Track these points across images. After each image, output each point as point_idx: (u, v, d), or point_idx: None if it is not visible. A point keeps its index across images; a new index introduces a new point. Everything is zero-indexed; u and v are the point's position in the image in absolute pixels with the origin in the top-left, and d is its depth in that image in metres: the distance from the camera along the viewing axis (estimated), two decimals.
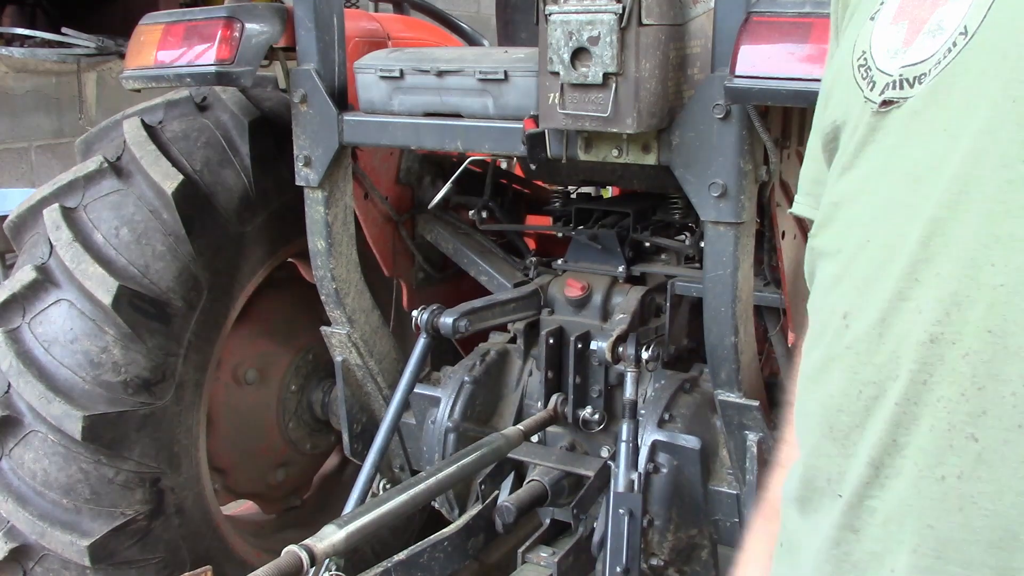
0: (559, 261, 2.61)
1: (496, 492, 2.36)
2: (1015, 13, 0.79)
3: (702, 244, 2.11)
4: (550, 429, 2.46)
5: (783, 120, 2.03)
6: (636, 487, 2.15)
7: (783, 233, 2.14)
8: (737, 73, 1.78)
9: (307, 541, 1.76)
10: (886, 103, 0.87)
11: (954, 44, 0.82)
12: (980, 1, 0.81)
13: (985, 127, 0.79)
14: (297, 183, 2.43)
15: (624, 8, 1.82)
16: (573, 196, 2.82)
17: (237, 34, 2.27)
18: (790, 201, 2.14)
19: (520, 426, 2.31)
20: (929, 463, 0.81)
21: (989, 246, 0.78)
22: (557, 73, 1.91)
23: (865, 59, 0.92)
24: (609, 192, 3.09)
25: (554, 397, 2.42)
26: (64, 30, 5.41)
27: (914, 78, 0.85)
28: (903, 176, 0.85)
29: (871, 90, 0.89)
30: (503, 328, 2.65)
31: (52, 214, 2.33)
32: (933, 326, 0.81)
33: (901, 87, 0.86)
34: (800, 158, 2.13)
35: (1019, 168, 0.76)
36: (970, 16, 0.82)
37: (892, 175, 0.87)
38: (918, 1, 0.89)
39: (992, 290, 0.78)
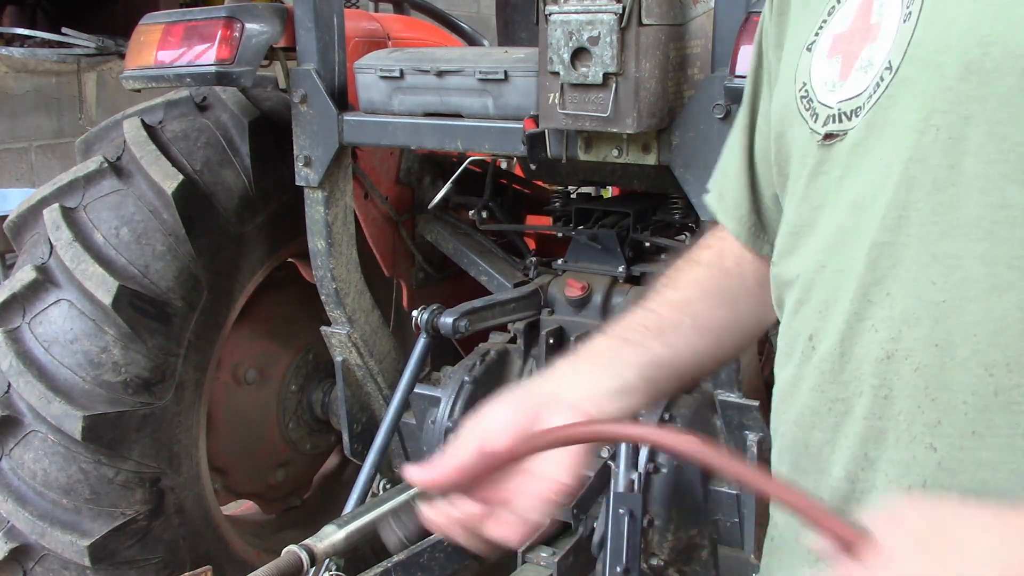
0: (559, 261, 2.61)
1: None
2: (931, 48, 0.83)
3: None
4: None
5: None
6: (636, 487, 2.15)
7: None
8: (737, 73, 1.78)
9: (307, 541, 1.76)
10: (829, 136, 0.92)
11: (881, 79, 0.87)
12: (900, 38, 0.86)
13: (914, 155, 0.83)
14: (297, 183, 2.43)
15: (624, 8, 1.82)
16: (573, 196, 2.82)
17: (237, 34, 2.27)
18: None
19: None
20: (897, 474, 0.86)
21: (929, 265, 0.82)
22: (557, 73, 1.91)
23: (807, 91, 0.96)
24: (609, 192, 3.09)
25: None
26: (64, 30, 5.41)
27: (851, 111, 0.90)
28: (848, 205, 0.90)
29: (815, 122, 0.94)
30: (503, 328, 2.65)
31: (52, 214, 2.33)
32: (888, 343, 0.85)
33: (840, 120, 0.91)
34: None
35: (949, 191, 0.81)
36: (893, 52, 0.86)
37: (839, 205, 0.91)
38: (849, 37, 0.93)
39: (935, 306, 0.82)
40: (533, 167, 2.38)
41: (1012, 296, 0.78)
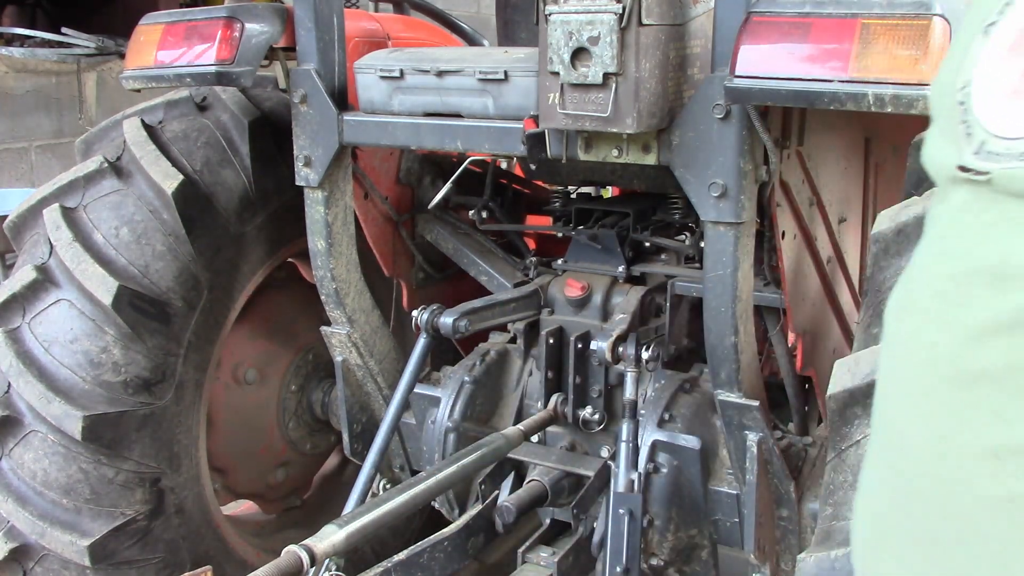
0: (559, 261, 2.61)
1: (496, 492, 2.37)
2: None
3: (702, 244, 2.11)
4: (550, 429, 2.46)
5: (783, 120, 2.03)
6: (636, 487, 2.15)
7: (783, 233, 2.14)
8: (737, 73, 1.78)
9: (307, 541, 1.76)
10: (966, 169, 0.66)
11: None
12: None
13: None
14: (297, 183, 2.43)
15: (624, 8, 1.82)
16: (573, 196, 2.82)
17: (237, 34, 2.27)
18: (790, 201, 2.14)
19: (520, 426, 2.31)
20: None
21: None
22: (557, 73, 1.91)
23: (966, 94, 0.68)
24: (609, 192, 3.09)
25: (554, 397, 2.42)
26: (64, 30, 5.42)
27: (1015, 154, 0.63)
28: (965, 271, 0.66)
29: (963, 139, 0.67)
30: (503, 328, 2.65)
31: (52, 214, 2.33)
32: (1012, 480, 0.61)
33: (990, 158, 0.65)
34: (800, 158, 2.14)
35: None
36: None
37: (955, 266, 0.67)
38: None
39: None
40: (533, 167, 2.39)
41: None
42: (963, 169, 0.66)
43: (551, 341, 2.41)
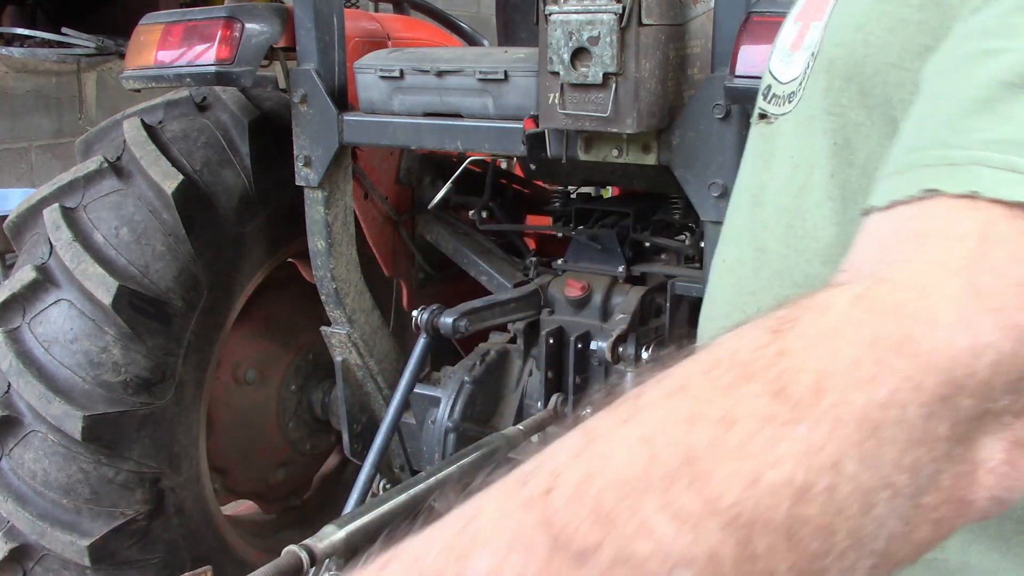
0: (559, 261, 2.61)
1: None
2: (833, 39, 0.73)
3: (702, 244, 2.11)
4: (550, 429, 2.46)
5: None
6: None
7: None
8: (737, 73, 1.78)
9: (307, 541, 1.76)
10: (763, 116, 0.84)
11: (808, 67, 0.77)
12: (823, 23, 0.76)
13: (807, 161, 0.75)
14: (297, 183, 2.43)
15: (624, 8, 1.82)
16: (573, 196, 2.82)
17: (237, 34, 2.27)
18: None
19: (520, 426, 2.31)
20: None
21: (803, 286, 0.75)
22: (557, 73, 1.91)
23: (774, 49, 0.86)
24: (609, 192, 3.09)
25: (554, 397, 2.42)
26: (64, 30, 5.41)
27: (786, 95, 0.81)
28: (751, 197, 0.84)
29: (764, 88, 0.85)
30: (503, 328, 2.65)
31: (52, 214, 2.33)
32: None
33: (777, 101, 0.82)
34: None
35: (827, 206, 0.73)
36: (818, 38, 0.76)
37: (747, 193, 0.85)
38: (815, 3, 0.81)
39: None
40: (533, 167, 2.39)
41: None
42: (761, 116, 0.83)
43: (551, 341, 2.41)
